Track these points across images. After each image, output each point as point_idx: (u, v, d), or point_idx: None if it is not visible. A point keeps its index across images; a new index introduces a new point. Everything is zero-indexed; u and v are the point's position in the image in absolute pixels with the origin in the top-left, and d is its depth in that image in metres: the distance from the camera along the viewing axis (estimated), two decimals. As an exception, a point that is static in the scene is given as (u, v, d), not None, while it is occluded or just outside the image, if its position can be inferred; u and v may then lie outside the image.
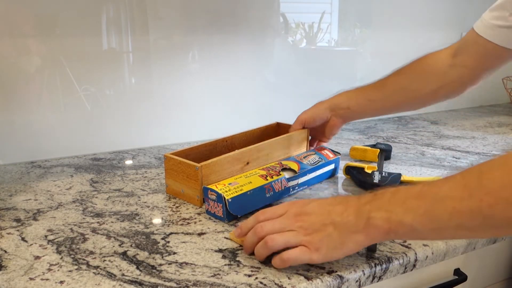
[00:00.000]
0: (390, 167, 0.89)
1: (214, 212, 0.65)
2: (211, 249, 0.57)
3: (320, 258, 0.49)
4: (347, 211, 0.49)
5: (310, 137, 0.92)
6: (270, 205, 0.69)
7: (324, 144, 0.93)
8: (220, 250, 0.56)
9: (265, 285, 0.49)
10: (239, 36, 1.10)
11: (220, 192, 0.63)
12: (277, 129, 0.94)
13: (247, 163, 0.76)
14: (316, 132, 0.92)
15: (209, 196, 0.65)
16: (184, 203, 0.72)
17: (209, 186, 0.65)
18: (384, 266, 0.54)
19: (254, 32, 1.12)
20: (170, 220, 0.65)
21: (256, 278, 0.50)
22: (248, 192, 0.65)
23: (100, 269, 0.52)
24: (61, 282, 0.50)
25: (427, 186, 0.45)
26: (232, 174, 0.73)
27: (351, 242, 0.48)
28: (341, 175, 0.84)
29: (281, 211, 0.53)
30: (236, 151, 0.74)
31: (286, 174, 0.72)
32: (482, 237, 0.44)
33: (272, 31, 1.15)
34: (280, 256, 0.50)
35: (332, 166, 0.82)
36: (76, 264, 0.53)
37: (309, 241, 0.49)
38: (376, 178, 0.76)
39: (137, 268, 0.52)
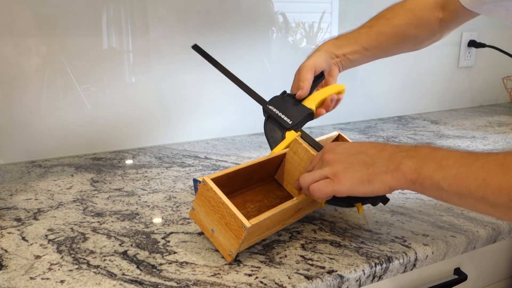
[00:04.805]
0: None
1: None
2: (212, 249, 0.57)
3: (343, 190, 0.50)
4: (381, 153, 0.50)
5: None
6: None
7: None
8: (220, 250, 0.56)
9: (265, 284, 0.49)
10: (239, 36, 1.10)
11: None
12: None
13: (299, 209, 0.62)
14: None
15: (198, 187, 0.66)
16: (185, 203, 0.72)
17: (198, 178, 0.66)
18: (384, 265, 0.54)
19: (255, 32, 1.12)
20: (170, 220, 0.65)
21: (256, 277, 0.50)
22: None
23: (101, 268, 0.52)
24: (62, 281, 0.50)
25: (468, 153, 0.45)
26: (281, 223, 0.60)
27: (378, 181, 0.49)
28: None
29: (321, 153, 0.56)
30: (294, 201, 0.57)
31: None
32: (500, 216, 0.44)
33: (272, 31, 1.15)
34: (308, 188, 0.53)
35: None
36: (76, 264, 0.53)
37: (332, 173, 0.51)
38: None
39: (138, 267, 0.52)
